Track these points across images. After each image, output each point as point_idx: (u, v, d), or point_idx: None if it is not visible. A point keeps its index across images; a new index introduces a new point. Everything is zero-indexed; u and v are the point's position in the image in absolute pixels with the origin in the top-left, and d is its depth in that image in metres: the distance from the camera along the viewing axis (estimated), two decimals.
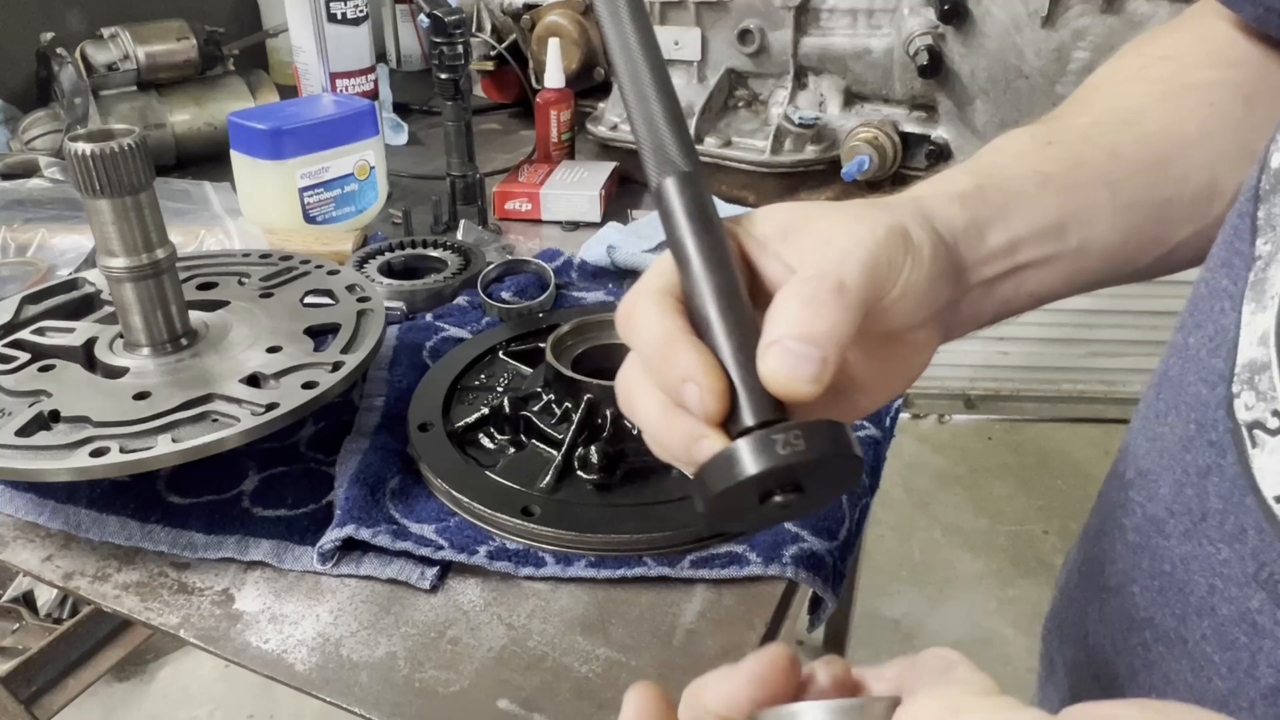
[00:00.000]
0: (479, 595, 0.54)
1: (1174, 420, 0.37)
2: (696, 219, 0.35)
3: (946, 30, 0.99)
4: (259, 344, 0.64)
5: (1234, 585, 0.33)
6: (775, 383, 0.31)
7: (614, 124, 1.16)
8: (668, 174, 0.36)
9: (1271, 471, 0.31)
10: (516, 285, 0.87)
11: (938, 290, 0.37)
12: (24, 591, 1.68)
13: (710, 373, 0.32)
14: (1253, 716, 0.33)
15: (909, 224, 0.36)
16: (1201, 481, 0.35)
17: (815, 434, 0.31)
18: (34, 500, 0.60)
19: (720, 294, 0.33)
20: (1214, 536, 0.34)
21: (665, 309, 0.34)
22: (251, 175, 0.95)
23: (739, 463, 0.30)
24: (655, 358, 0.33)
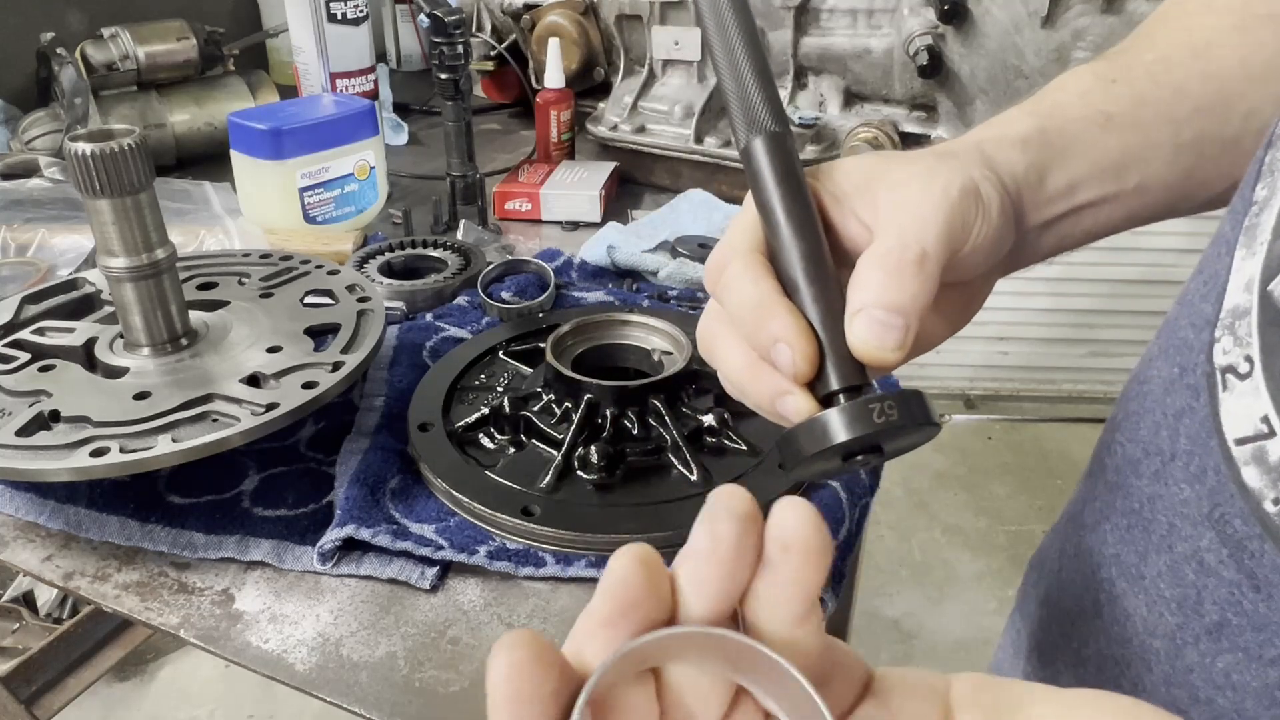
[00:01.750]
0: (479, 595, 0.54)
1: (1161, 364, 0.38)
2: (784, 180, 0.36)
3: (946, 30, 0.99)
4: (259, 344, 0.64)
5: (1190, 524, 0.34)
6: (863, 350, 0.33)
7: (614, 124, 1.16)
8: (756, 134, 0.37)
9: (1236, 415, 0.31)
10: (516, 285, 0.87)
11: (1003, 242, 0.38)
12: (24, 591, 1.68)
13: (803, 338, 0.33)
14: (1198, 651, 0.34)
15: (979, 180, 0.37)
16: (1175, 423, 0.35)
17: (905, 405, 0.33)
18: (34, 500, 0.60)
19: (808, 259, 0.35)
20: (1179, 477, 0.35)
21: (758, 271, 0.35)
22: (251, 175, 0.95)
23: (836, 430, 0.32)
24: (748, 318, 0.34)
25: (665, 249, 0.92)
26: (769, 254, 0.36)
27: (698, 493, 0.59)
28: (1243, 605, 0.32)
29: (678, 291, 0.87)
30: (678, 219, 1.01)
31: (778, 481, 0.59)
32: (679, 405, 0.64)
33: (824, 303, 0.34)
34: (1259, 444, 0.30)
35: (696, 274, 0.87)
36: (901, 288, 0.33)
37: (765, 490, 0.59)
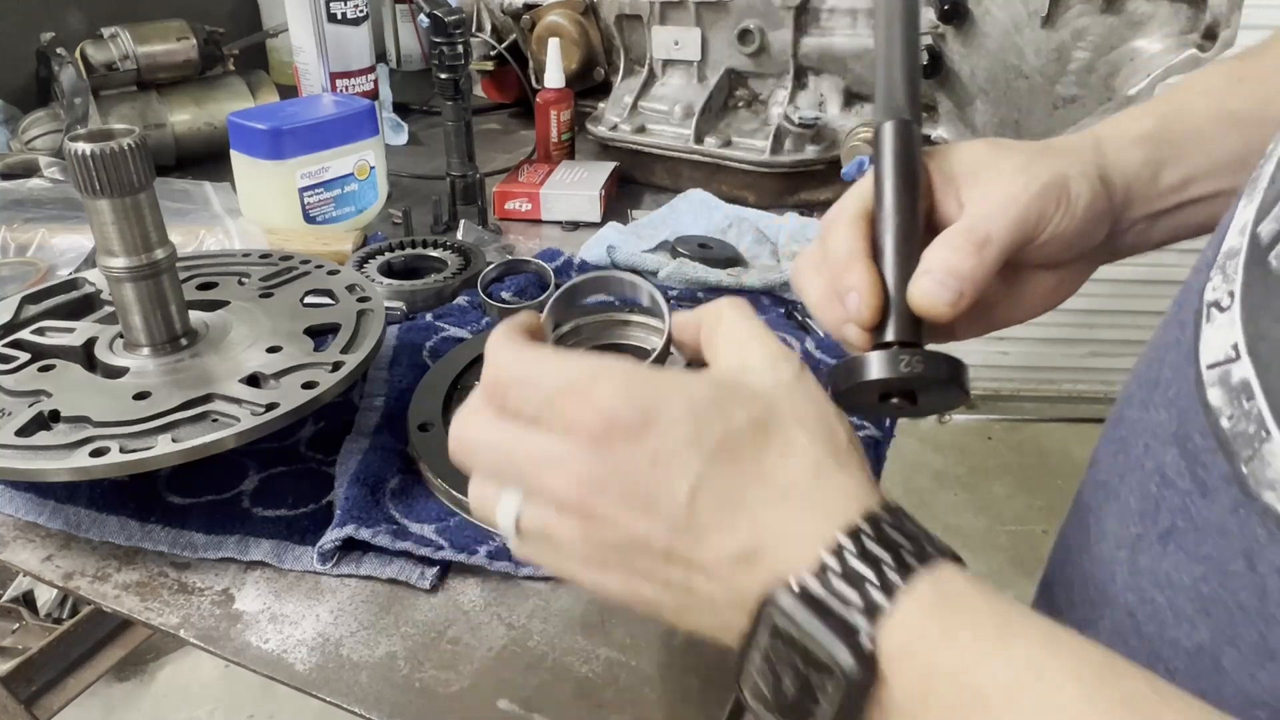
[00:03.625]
0: (479, 595, 0.54)
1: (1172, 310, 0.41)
2: (900, 163, 0.43)
3: (946, 30, 0.99)
4: (259, 344, 0.64)
5: (1159, 443, 0.37)
6: (920, 302, 0.41)
7: (614, 124, 1.16)
8: (889, 118, 0.43)
9: (1212, 344, 0.34)
10: (516, 285, 0.87)
11: (1089, 234, 0.44)
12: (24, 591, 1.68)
13: (872, 292, 0.41)
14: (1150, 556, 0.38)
15: (1072, 175, 0.43)
16: (1164, 355, 0.39)
17: (933, 362, 0.40)
18: (34, 500, 0.60)
19: (898, 231, 0.42)
20: (1159, 403, 0.38)
21: (856, 231, 0.43)
22: (251, 175, 0.95)
23: (868, 368, 0.40)
24: (837, 265, 0.42)
25: (665, 249, 0.92)
26: (871, 219, 0.43)
27: None
28: (1189, 511, 0.35)
29: (678, 291, 0.87)
30: (678, 219, 1.01)
31: None
32: None
33: (899, 269, 0.41)
34: (1225, 368, 0.33)
35: (696, 274, 0.87)
36: (961, 261, 0.40)
37: None
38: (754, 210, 1.02)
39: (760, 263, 0.92)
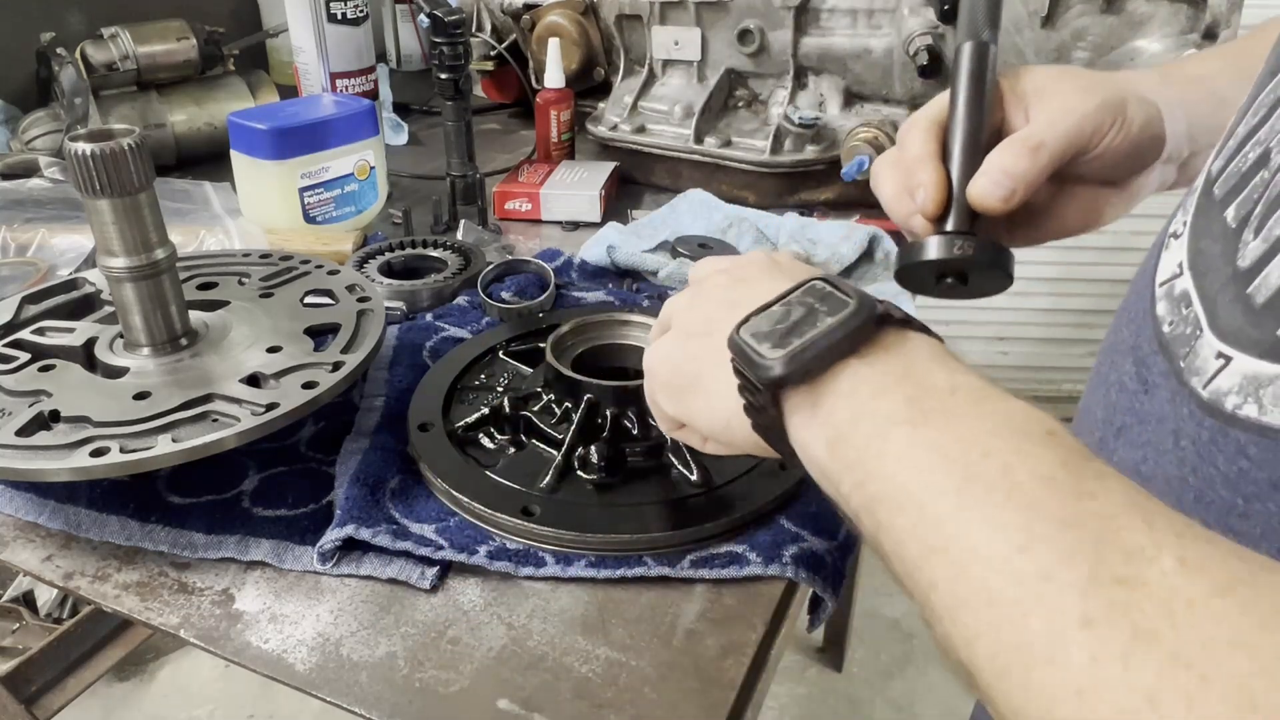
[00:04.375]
0: (479, 595, 0.54)
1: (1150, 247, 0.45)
2: (973, 80, 0.48)
3: (946, 30, 0.99)
4: (259, 344, 0.64)
5: (1120, 356, 0.42)
6: (976, 196, 0.46)
7: (614, 124, 1.16)
8: (969, 39, 0.49)
9: (1165, 265, 0.39)
10: (516, 285, 0.87)
11: (1142, 155, 0.49)
12: (24, 591, 1.68)
13: (937, 187, 0.47)
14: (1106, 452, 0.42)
15: (1131, 98, 0.48)
16: (1133, 286, 0.43)
17: (982, 247, 0.46)
18: (34, 500, 0.60)
19: (965, 136, 0.48)
20: (1123, 323, 0.43)
21: (928, 136, 0.49)
22: (251, 175, 0.95)
23: (927, 250, 0.47)
24: (908, 165, 0.49)
25: (665, 249, 0.92)
26: (945, 127, 0.49)
27: (698, 493, 0.59)
28: (1136, 409, 0.39)
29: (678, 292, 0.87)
30: (678, 219, 1.01)
31: (778, 481, 0.59)
32: None
33: (963, 170, 0.47)
34: (1171, 283, 0.38)
35: None
36: (1015, 163, 0.46)
37: (767, 489, 0.59)
38: (754, 210, 1.02)
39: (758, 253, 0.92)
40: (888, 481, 0.32)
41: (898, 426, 0.33)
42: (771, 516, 0.58)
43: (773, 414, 0.37)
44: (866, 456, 0.33)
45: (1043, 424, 0.31)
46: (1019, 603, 0.26)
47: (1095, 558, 0.26)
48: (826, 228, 0.95)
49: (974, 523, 0.29)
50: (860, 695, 1.82)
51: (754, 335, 0.37)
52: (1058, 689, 0.25)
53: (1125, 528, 0.26)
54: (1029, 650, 0.26)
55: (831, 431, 0.35)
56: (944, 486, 0.30)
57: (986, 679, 0.28)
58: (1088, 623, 0.25)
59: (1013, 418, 0.31)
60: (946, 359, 0.35)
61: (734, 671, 0.49)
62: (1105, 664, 0.24)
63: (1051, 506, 0.28)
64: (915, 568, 0.31)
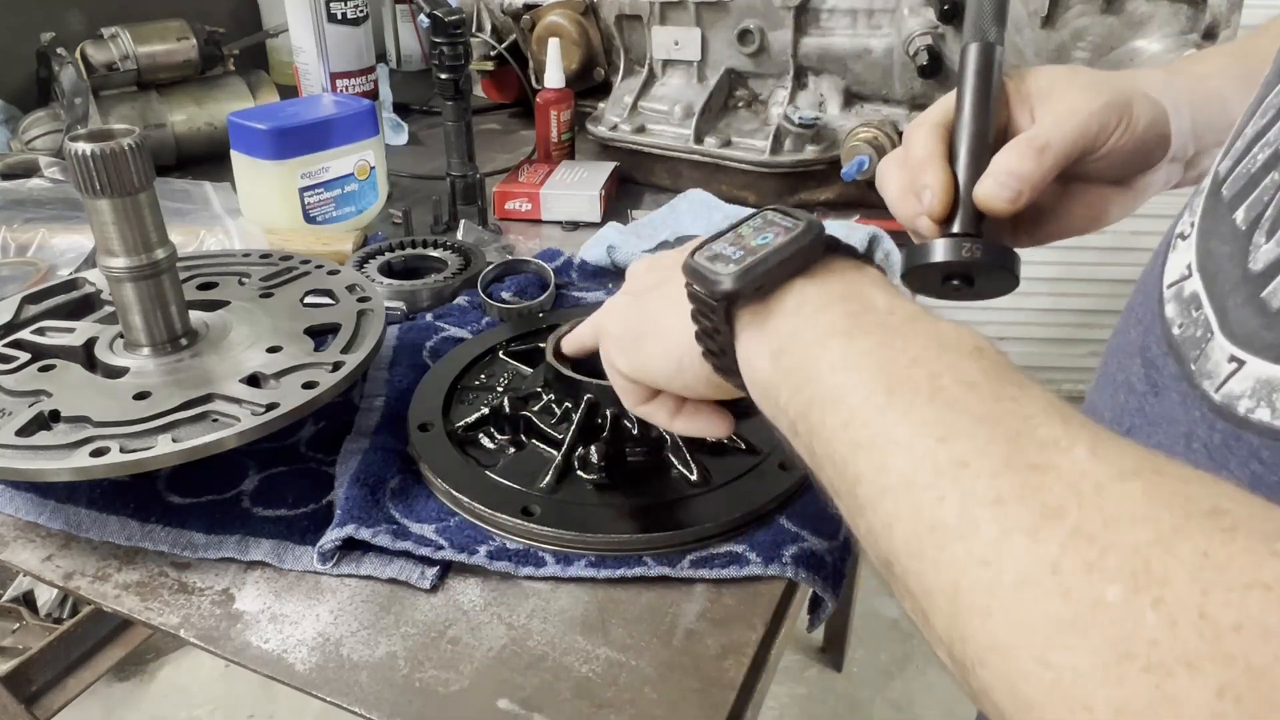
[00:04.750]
0: (479, 595, 0.54)
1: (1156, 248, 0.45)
2: (980, 80, 0.48)
3: (946, 30, 0.99)
4: (259, 344, 0.64)
5: (1128, 358, 0.42)
6: (983, 198, 0.46)
7: (614, 124, 1.16)
8: (975, 40, 0.49)
9: (1172, 267, 0.39)
10: (516, 285, 0.87)
11: (1148, 155, 0.49)
12: (24, 591, 1.68)
13: (943, 189, 0.47)
14: None
15: (1137, 97, 0.48)
16: (1140, 286, 0.43)
17: (989, 250, 0.46)
18: (34, 500, 0.60)
19: (971, 140, 0.47)
20: (1130, 324, 0.43)
21: (936, 136, 0.48)
22: (251, 175, 0.95)
23: (934, 252, 0.46)
24: (916, 165, 0.48)
25: (665, 249, 0.92)
26: (951, 128, 0.48)
27: (698, 493, 0.59)
28: (1144, 410, 0.39)
29: None
30: (678, 219, 1.01)
31: (778, 481, 0.59)
32: None
33: (970, 171, 0.47)
34: (1179, 284, 0.38)
35: None
36: (1020, 164, 0.45)
37: (767, 489, 0.59)
38: None
39: None
40: (822, 384, 0.34)
41: (835, 337, 0.35)
42: (771, 516, 0.58)
43: (724, 333, 0.39)
44: (805, 363, 0.35)
45: (972, 340, 0.33)
46: (935, 487, 0.28)
47: (1011, 448, 0.28)
48: None
49: (898, 419, 0.31)
50: (860, 695, 1.82)
51: (709, 258, 0.39)
52: (966, 561, 0.26)
53: (1042, 425, 0.28)
54: (942, 529, 0.27)
55: (775, 344, 0.37)
56: (873, 388, 0.32)
57: (902, 563, 0.29)
58: (998, 501, 0.26)
59: (944, 335, 0.33)
60: (887, 286, 0.38)
61: (734, 671, 0.49)
62: (1012, 536, 0.25)
63: (972, 405, 0.30)
64: (843, 463, 0.33)
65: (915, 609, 0.29)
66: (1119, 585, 0.23)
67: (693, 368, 0.43)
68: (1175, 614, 0.21)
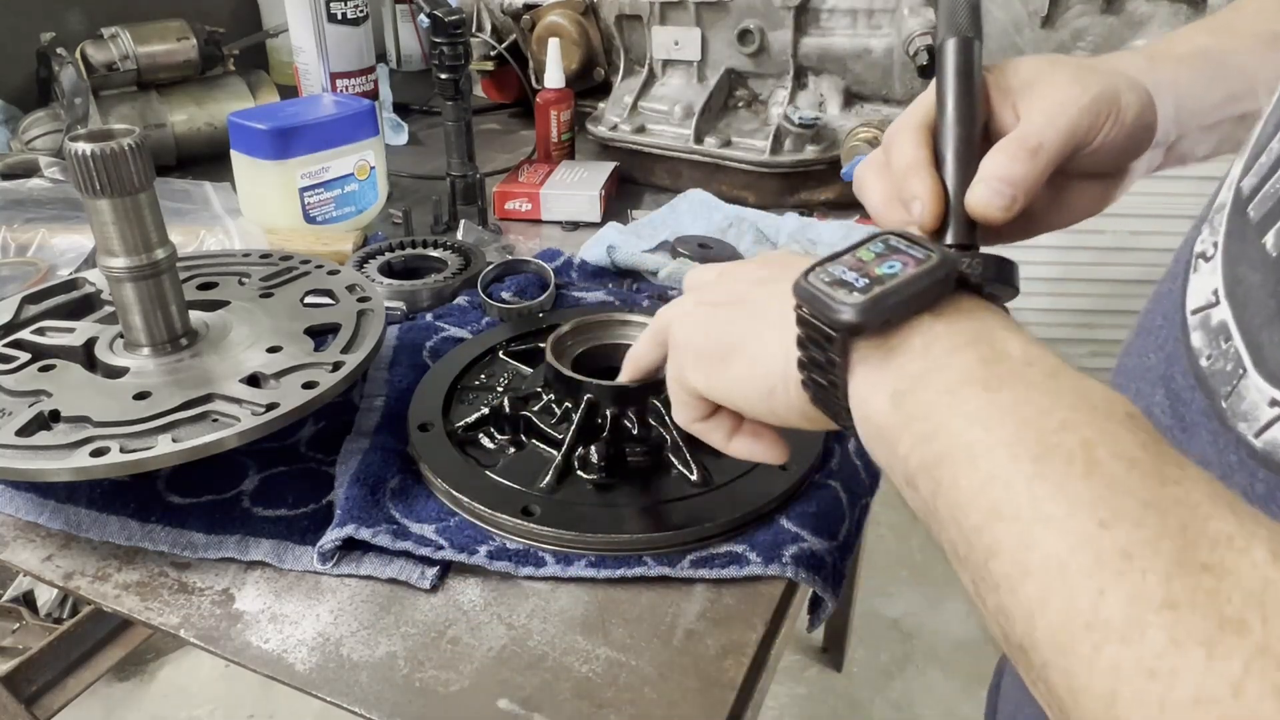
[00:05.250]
0: (479, 595, 0.54)
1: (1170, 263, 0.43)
2: (961, 78, 0.45)
3: None
4: (259, 344, 0.64)
5: (1149, 385, 0.39)
6: (976, 207, 0.43)
7: (614, 124, 1.16)
8: (951, 35, 0.46)
9: (1197, 290, 0.37)
10: (516, 285, 0.87)
11: (1137, 145, 0.47)
12: (24, 591, 1.68)
13: (934, 199, 0.43)
14: None
15: (1123, 88, 0.45)
16: (1157, 305, 0.41)
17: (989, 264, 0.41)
18: (34, 500, 0.60)
19: (958, 141, 0.45)
20: (1149, 348, 0.40)
21: (919, 140, 0.45)
22: (251, 175, 0.95)
23: None
24: (901, 173, 0.45)
25: (665, 249, 0.92)
26: (934, 130, 0.45)
27: (698, 493, 0.59)
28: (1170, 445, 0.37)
29: (677, 291, 0.87)
30: (678, 219, 1.01)
31: (778, 481, 0.59)
32: None
33: (959, 177, 0.44)
34: (1206, 312, 0.35)
35: None
36: (1014, 169, 0.42)
37: (767, 489, 0.59)
38: (754, 210, 1.02)
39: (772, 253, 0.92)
40: (955, 439, 0.31)
41: (971, 386, 0.32)
42: (771, 516, 0.58)
43: (838, 366, 0.36)
44: (935, 411, 0.32)
45: (1122, 406, 0.30)
46: (1095, 578, 0.25)
47: (1181, 542, 0.25)
48: (826, 228, 0.95)
49: (1050, 492, 0.27)
50: (860, 695, 1.82)
51: (828, 283, 0.36)
52: (1130, 669, 0.24)
53: (1211, 516, 0.25)
54: (1102, 627, 0.25)
55: (900, 384, 0.34)
56: (1018, 452, 0.29)
57: (1044, 654, 0.27)
58: (1171, 605, 0.24)
59: (1091, 395, 0.30)
60: (1020, 331, 0.34)
61: (734, 671, 0.49)
62: (1187, 649, 0.23)
63: (1134, 486, 0.26)
64: (975, 532, 0.29)
65: (1055, 705, 0.27)
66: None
67: (786, 396, 0.40)
68: None
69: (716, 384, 0.44)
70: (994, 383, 0.31)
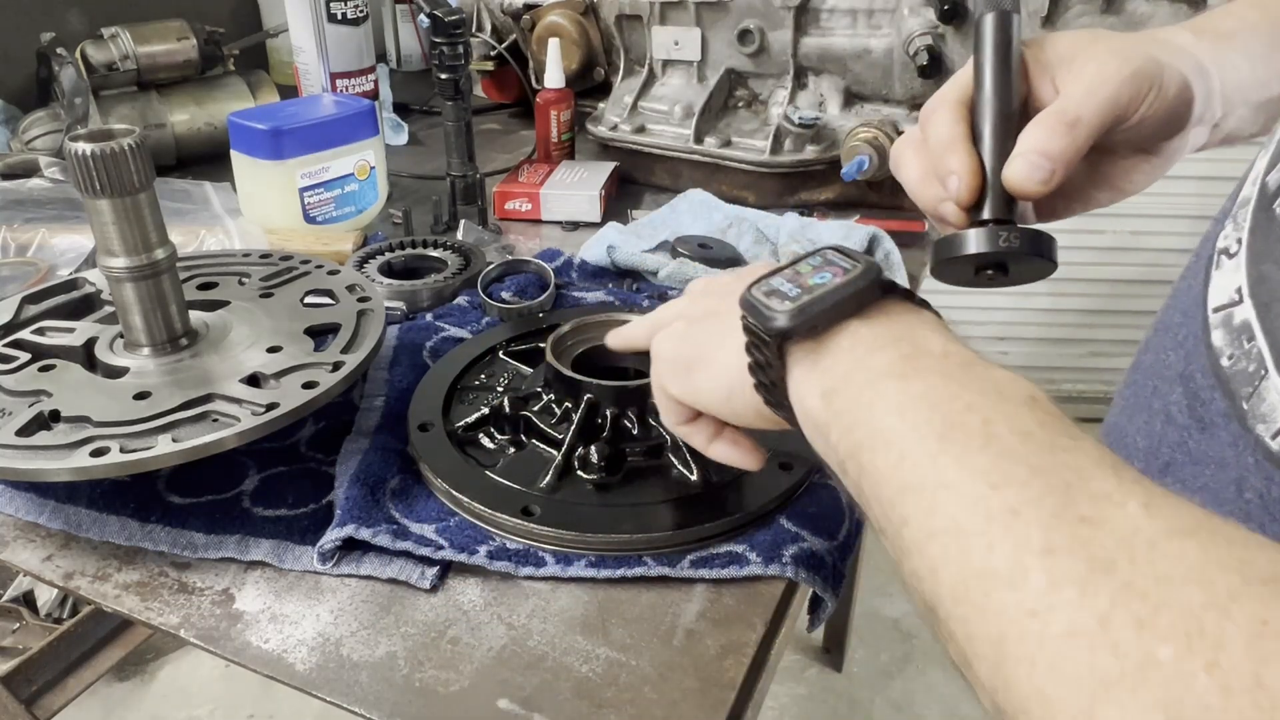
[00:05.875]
0: (479, 595, 0.54)
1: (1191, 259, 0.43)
2: (999, 53, 0.45)
3: (946, 30, 0.99)
4: (259, 344, 0.64)
5: (1166, 384, 0.40)
6: (1014, 181, 0.43)
7: (614, 124, 1.16)
8: (991, 10, 0.45)
9: (1218, 288, 0.37)
10: (516, 285, 0.87)
11: (1178, 121, 0.46)
12: (24, 591, 1.68)
13: (971, 174, 0.44)
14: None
15: (1166, 62, 0.45)
16: (1177, 301, 0.41)
17: (1027, 238, 0.43)
18: (34, 500, 0.60)
19: (996, 116, 0.45)
20: (1168, 345, 0.41)
21: (956, 116, 0.45)
22: (251, 175, 0.95)
23: (968, 244, 0.44)
24: (938, 149, 0.45)
25: (665, 249, 0.92)
26: (971, 105, 0.45)
27: (698, 493, 0.59)
28: (1188, 445, 0.38)
29: (678, 291, 0.87)
30: (678, 219, 1.01)
31: (778, 481, 0.59)
32: None
33: (996, 152, 0.44)
34: (1229, 310, 0.36)
35: (696, 274, 0.87)
36: (1052, 142, 0.42)
37: (767, 489, 0.59)
38: (754, 210, 1.02)
39: (760, 263, 0.92)
40: (873, 426, 0.34)
41: (889, 379, 0.34)
42: (771, 516, 0.58)
43: (776, 368, 0.39)
44: (857, 405, 0.35)
45: (1026, 390, 0.32)
46: (985, 533, 0.28)
47: (1063, 499, 0.27)
48: (826, 228, 0.95)
49: (950, 464, 0.30)
50: (860, 695, 1.82)
51: (765, 293, 0.39)
52: (1013, 610, 0.26)
53: (1095, 477, 0.28)
54: (990, 575, 0.27)
55: (828, 383, 0.37)
56: (925, 432, 0.32)
57: (946, 607, 0.29)
58: (1049, 551, 0.26)
59: (999, 383, 0.33)
60: (942, 329, 0.37)
61: (734, 671, 0.49)
62: (1062, 588, 0.25)
63: (1025, 454, 0.29)
64: (890, 505, 0.32)
65: (959, 654, 0.29)
66: (1171, 645, 0.22)
67: (743, 397, 0.43)
68: (1230, 680, 0.21)
69: (687, 389, 0.48)
70: (911, 375, 0.34)
